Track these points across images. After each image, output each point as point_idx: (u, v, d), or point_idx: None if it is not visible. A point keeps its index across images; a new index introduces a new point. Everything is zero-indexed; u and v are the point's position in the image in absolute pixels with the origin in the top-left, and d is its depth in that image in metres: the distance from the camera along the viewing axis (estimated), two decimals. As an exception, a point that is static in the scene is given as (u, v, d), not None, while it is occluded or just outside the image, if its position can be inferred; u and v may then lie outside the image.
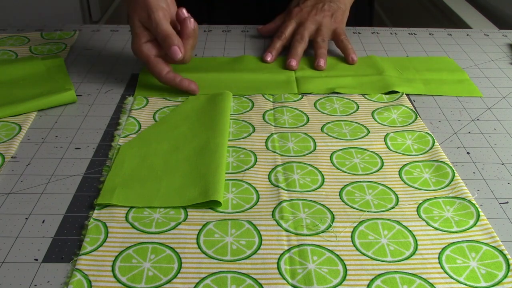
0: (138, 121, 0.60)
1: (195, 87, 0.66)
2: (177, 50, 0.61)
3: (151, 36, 0.63)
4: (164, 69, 0.64)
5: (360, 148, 0.57)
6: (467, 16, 1.12)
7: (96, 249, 0.42)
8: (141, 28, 0.63)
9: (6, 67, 0.70)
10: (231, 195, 0.49)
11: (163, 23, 0.62)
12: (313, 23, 0.79)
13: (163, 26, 0.61)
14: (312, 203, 0.48)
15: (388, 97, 0.67)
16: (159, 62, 0.64)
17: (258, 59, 0.77)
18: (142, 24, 0.63)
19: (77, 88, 0.68)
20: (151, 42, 0.64)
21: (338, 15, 0.80)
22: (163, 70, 0.64)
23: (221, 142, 0.55)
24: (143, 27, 0.63)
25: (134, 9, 0.63)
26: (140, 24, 0.63)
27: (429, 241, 0.44)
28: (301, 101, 0.66)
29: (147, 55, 0.64)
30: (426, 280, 0.40)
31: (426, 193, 0.50)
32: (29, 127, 0.59)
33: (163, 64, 0.64)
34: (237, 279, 0.40)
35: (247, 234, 0.44)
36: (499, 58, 0.80)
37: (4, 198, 0.48)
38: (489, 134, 0.60)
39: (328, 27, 0.79)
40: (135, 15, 0.62)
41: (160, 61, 0.64)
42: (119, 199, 0.47)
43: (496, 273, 0.41)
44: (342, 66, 0.75)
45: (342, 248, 0.43)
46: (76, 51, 0.79)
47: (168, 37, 0.61)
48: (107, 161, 0.54)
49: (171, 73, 0.65)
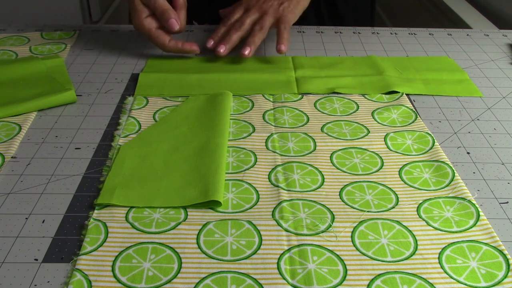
0: (138, 121, 0.60)
1: (196, 47, 0.74)
2: (175, 23, 0.70)
3: (150, 11, 0.72)
4: (166, 38, 0.73)
5: (360, 148, 0.57)
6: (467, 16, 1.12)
7: (96, 249, 0.42)
8: (141, 5, 0.72)
9: (6, 67, 0.70)
10: (231, 195, 0.49)
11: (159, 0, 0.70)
12: (258, 11, 0.77)
13: (160, 1, 0.71)
14: (312, 203, 0.48)
15: (388, 97, 0.67)
16: (161, 34, 0.72)
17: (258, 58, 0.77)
18: (141, 1, 0.71)
19: (77, 88, 0.68)
20: (150, 16, 0.72)
21: (289, 4, 0.78)
22: (166, 39, 0.72)
23: (221, 142, 0.55)
24: (142, 4, 0.72)
25: None
26: (140, 1, 0.71)
27: (429, 241, 0.44)
28: (301, 101, 0.66)
29: (148, 29, 0.72)
30: (426, 280, 0.40)
31: (426, 193, 0.50)
32: (29, 127, 0.59)
33: (164, 35, 0.72)
34: (237, 279, 0.40)
35: (247, 234, 0.44)
36: (499, 58, 0.80)
37: (4, 198, 0.48)
38: (489, 134, 0.60)
39: (272, 15, 0.76)
40: None
41: (161, 33, 0.72)
42: (119, 199, 0.47)
43: (496, 273, 0.41)
44: (342, 66, 0.75)
45: (342, 248, 0.43)
46: (76, 51, 0.79)
47: (166, 11, 0.70)
48: (107, 161, 0.54)
49: (172, 41, 0.73)
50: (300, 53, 0.80)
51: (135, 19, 0.72)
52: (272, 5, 0.77)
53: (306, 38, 0.86)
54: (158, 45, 0.73)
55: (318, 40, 0.85)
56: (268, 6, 0.77)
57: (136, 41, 0.82)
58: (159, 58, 0.77)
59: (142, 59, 0.77)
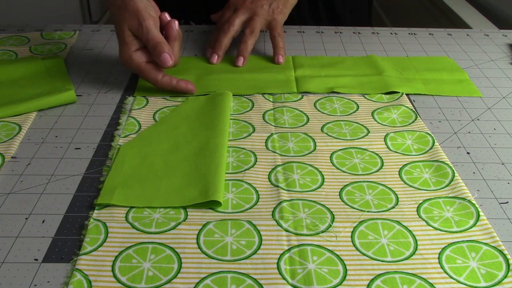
0: (138, 121, 0.60)
1: (192, 87, 0.66)
2: (168, 57, 0.62)
3: (140, 44, 0.64)
4: (159, 74, 0.65)
5: (360, 148, 0.57)
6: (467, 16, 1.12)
7: (96, 249, 0.42)
8: (131, 36, 0.63)
9: (6, 67, 0.70)
10: (231, 195, 0.49)
11: (154, 31, 0.62)
12: (247, 11, 0.76)
13: (154, 34, 0.62)
14: (312, 203, 0.48)
15: (388, 97, 0.67)
16: (152, 68, 0.64)
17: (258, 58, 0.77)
18: (132, 33, 0.63)
19: (77, 88, 0.68)
20: (139, 50, 0.64)
21: (278, 5, 0.77)
22: (158, 75, 0.65)
23: (221, 142, 0.55)
24: (132, 35, 0.63)
25: (124, 17, 0.63)
26: (130, 32, 0.63)
27: (429, 241, 0.44)
28: (301, 101, 0.66)
29: (138, 63, 0.64)
30: (426, 280, 0.40)
31: (426, 193, 0.50)
32: (29, 127, 0.59)
33: (156, 70, 0.65)
34: (237, 279, 0.40)
35: (247, 234, 0.44)
36: (499, 58, 0.80)
37: (4, 198, 0.48)
38: (489, 134, 0.60)
39: (263, 17, 0.76)
40: (125, 23, 0.63)
41: (153, 67, 0.65)
42: (119, 199, 0.47)
43: (496, 273, 0.41)
44: (342, 66, 0.75)
45: (342, 248, 0.43)
46: (76, 51, 0.79)
47: (159, 44, 0.62)
48: (107, 161, 0.54)
49: (166, 76, 0.65)
50: (300, 53, 0.80)
51: (123, 53, 0.64)
52: (261, 5, 0.77)
53: (306, 38, 0.86)
54: (150, 81, 0.65)
55: (318, 40, 0.85)
56: (257, 6, 0.77)
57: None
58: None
59: (142, 59, 0.77)
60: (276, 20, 0.77)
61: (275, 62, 0.75)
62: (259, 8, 0.77)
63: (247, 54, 0.75)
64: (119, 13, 0.64)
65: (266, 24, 0.77)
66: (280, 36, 0.76)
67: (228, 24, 0.76)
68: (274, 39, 0.76)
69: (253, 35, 0.75)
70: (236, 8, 0.78)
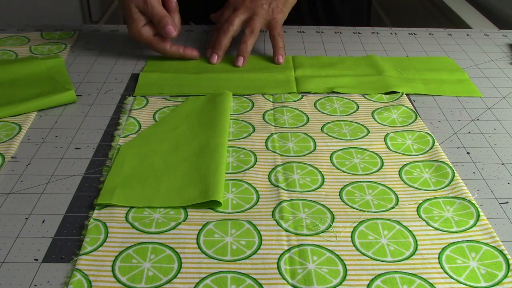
0: (138, 121, 0.60)
1: (197, 53, 0.75)
2: (172, 29, 0.70)
3: (146, 19, 0.72)
4: (167, 44, 0.73)
5: (360, 148, 0.57)
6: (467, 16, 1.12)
7: (96, 249, 0.42)
8: (138, 13, 0.71)
9: (6, 67, 0.70)
10: (231, 195, 0.49)
11: (157, 7, 0.71)
12: (246, 10, 0.77)
13: (158, 9, 0.70)
14: (312, 203, 0.48)
15: (388, 97, 0.67)
16: (160, 40, 0.73)
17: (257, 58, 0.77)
18: (138, 10, 0.71)
19: (77, 88, 0.68)
20: (146, 25, 0.72)
21: (277, 4, 0.78)
22: (167, 45, 0.73)
23: (221, 142, 0.55)
24: (139, 12, 0.71)
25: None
26: (136, 9, 0.70)
27: (429, 241, 0.44)
28: (301, 101, 0.66)
29: (147, 37, 0.72)
30: (426, 280, 0.40)
31: (426, 193, 0.50)
32: (29, 127, 0.59)
33: (164, 41, 0.73)
34: (237, 279, 0.40)
35: (247, 234, 0.44)
36: (499, 58, 0.80)
37: (4, 198, 0.48)
38: (489, 134, 0.60)
39: (262, 17, 0.76)
40: (131, 1, 0.70)
41: (161, 39, 0.73)
42: (119, 199, 0.47)
43: (496, 273, 0.41)
44: (342, 66, 0.75)
45: (342, 248, 0.43)
46: (76, 51, 0.79)
47: (163, 18, 0.70)
48: (107, 161, 0.54)
49: (173, 46, 0.74)
50: (300, 53, 0.80)
51: (132, 28, 0.72)
52: (261, 5, 0.77)
53: (306, 38, 0.86)
54: (160, 51, 0.74)
55: (318, 40, 0.85)
56: (257, 6, 0.77)
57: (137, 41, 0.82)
58: (159, 58, 0.77)
59: (142, 59, 0.77)
60: (276, 20, 0.77)
61: (275, 62, 0.75)
62: (259, 7, 0.77)
63: (247, 54, 0.75)
64: None
65: (266, 24, 0.77)
66: (280, 36, 0.76)
67: (228, 24, 0.76)
68: (274, 39, 0.76)
69: (253, 35, 0.75)
70: (235, 8, 0.78)
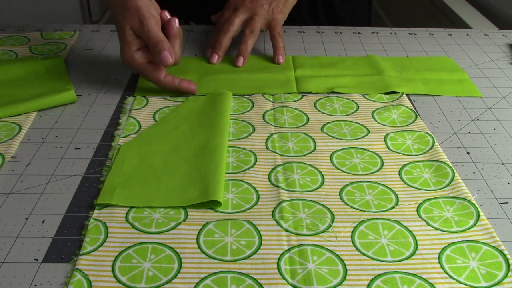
0: (138, 121, 0.60)
1: (194, 87, 0.66)
2: (168, 55, 0.61)
3: (141, 44, 0.64)
4: (161, 73, 0.64)
5: (360, 148, 0.57)
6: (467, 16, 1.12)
7: (96, 249, 0.42)
8: (132, 36, 0.63)
9: (6, 67, 0.70)
10: (231, 195, 0.49)
11: (155, 30, 0.62)
12: (246, 10, 0.76)
13: (155, 32, 0.62)
14: (312, 203, 0.48)
15: (388, 97, 0.67)
16: (154, 68, 0.64)
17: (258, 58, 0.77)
18: (133, 32, 0.63)
19: (77, 88, 0.68)
20: (141, 50, 0.64)
21: (278, 5, 0.77)
22: (161, 74, 0.64)
23: (221, 142, 0.55)
24: (134, 35, 0.63)
25: (125, 17, 0.62)
26: (131, 32, 0.63)
27: (429, 241, 0.44)
28: (301, 101, 0.66)
29: (140, 63, 0.64)
30: (426, 280, 0.40)
31: (426, 193, 0.50)
32: (29, 127, 0.59)
33: (158, 69, 0.64)
34: (237, 279, 0.40)
35: (247, 234, 0.44)
36: (499, 58, 0.80)
37: (4, 198, 0.48)
38: (489, 134, 0.60)
39: (263, 17, 0.76)
40: (126, 23, 0.62)
41: (155, 67, 0.64)
42: (119, 199, 0.47)
43: (496, 273, 0.41)
44: (342, 66, 0.75)
45: (342, 248, 0.43)
46: (76, 51, 0.79)
47: (160, 42, 0.61)
48: (107, 161, 0.54)
49: (168, 76, 0.65)
50: (300, 53, 0.80)
51: (124, 52, 0.63)
52: (261, 5, 0.77)
53: (306, 38, 0.86)
54: (153, 81, 0.65)
55: (318, 40, 0.85)
56: (257, 6, 0.77)
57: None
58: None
59: (142, 59, 0.77)
60: (276, 20, 0.77)
61: (275, 62, 0.75)
62: (259, 7, 0.77)
63: (247, 54, 0.75)
64: (120, 12, 0.63)
65: (266, 24, 0.77)
66: (280, 36, 0.76)
67: (228, 24, 0.76)
68: (274, 39, 0.76)
69: (253, 35, 0.75)
70: (235, 8, 0.78)
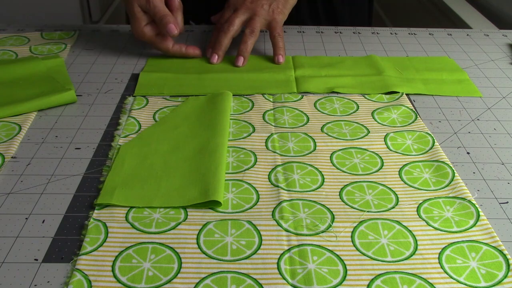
0: (138, 121, 0.60)
1: (199, 52, 0.76)
2: (173, 27, 0.70)
3: (149, 18, 0.73)
4: (170, 43, 0.74)
5: (360, 148, 0.57)
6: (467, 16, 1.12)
7: (96, 249, 0.42)
8: (141, 12, 0.72)
9: (6, 67, 0.70)
10: (231, 195, 0.49)
11: (159, 5, 0.71)
12: (247, 10, 0.77)
13: (160, 7, 0.71)
14: (312, 203, 0.48)
15: (388, 97, 0.67)
16: (163, 39, 0.74)
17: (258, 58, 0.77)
18: (141, 9, 0.71)
19: (77, 88, 0.68)
20: (149, 24, 0.73)
21: (278, 5, 0.78)
22: (169, 44, 0.74)
23: (221, 142, 0.55)
24: (142, 11, 0.72)
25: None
26: (139, 8, 0.71)
27: (429, 241, 0.44)
28: (301, 101, 0.66)
29: (150, 36, 0.73)
30: (426, 280, 0.40)
31: (426, 193, 0.50)
32: (29, 127, 0.59)
33: (167, 40, 0.74)
34: (237, 279, 0.40)
35: (247, 234, 0.44)
36: (499, 58, 0.80)
37: (4, 198, 0.48)
38: (489, 134, 0.60)
39: (263, 17, 0.77)
40: (135, 1, 0.71)
41: (163, 38, 0.74)
42: (119, 199, 0.47)
43: (496, 273, 0.41)
44: (342, 66, 0.75)
45: (342, 248, 0.43)
46: (76, 51, 0.79)
47: (165, 16, 0.71)
48: (107, 161, 0.54)
49: (176, 45, 0.75)
50: (300, 53, 0.80)
51: (135, 27, 0.73)
52: (261, 5, 0.77)
53: (306, 38, 0.86)
54: (163, 50, 0.75)
55: (318, 40, 0.85)
56: (257, 6, 0.77)
57: (136, 41, 0.82)
58: (159, 58, 0.77)
59: (142, 59, 0.77)
60: (276, 20, 0.77)
61: (275, 62, 0.75)
62: (259, 8, 0.77)
63: (247, 54, 0.75)
64: None
65: (266, 24, 0.77)
66: (280, 36, 0.76)
67: (228, 24, 0.76)
68: (274, 39, 0.76)
69: (253, 35, 0.75)
70: (236, 8, 0.78)
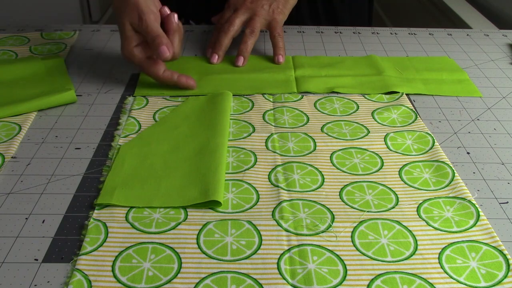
0: (138, 121, 0.60)
1: (193, 82, 0.67)
2: (165, 50, 0.62)
3: (141, 39, 0.65)
4: (160, 68, 0.65)
5: (360, 148, 0.57)
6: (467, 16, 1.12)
7: (96, 249, 0.42)
8: (132, 31, 0.64)
9: (6, 67, 0.70)
10: (231, 195, 0.49)
11: (153, 25, 0.63)
12: (247, 10, 0.77)
13: (153, 27, 0.63)
14: (312, 203, 0.48)
15: (388, 97, 0.67)
16: (154, 63, 0.65)
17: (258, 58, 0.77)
18: (132, 27, 0.64)
19: (77, 88, 0.68)
20: (140, 45, 0.65)
21: (278, 5, 0.78)
22: (160, 69, 0.65)
23: (221, 142, 0.55)
24: (133, 30, 0.64)
25: (125, 12, 0.63)
26: (130, 27, 0.64)
27: (429, 241, 0.44)
28: (301, 101, 0.66)
29: (139, 58, 0.65)
30: (426, 280, 0.40)
31: (426, 193, 0.50)
32: (29, 127, 0.59)
33: (158, 64, 0.65)
34: (237, 279, 0.40)
35: (247, 234, 0.44)
36: (499, 58, 0.80)
37: (4, 198, 0.48)
38: (489, 134, 0.60)
39: (263, 17, 0.77)
40: (126, 18, 0.63)
41: (154, 62, 0.65)
42: (119, 199, 0.47)
43: (496, 273, 0.41)
44: (342, 66, 0.75)
45: (342, 248, 0.43)
46: (76, 51, 0.79)
47: (158, 37, 0.62)
48: (107, 161, 0.54)
49: (167, 71, 0.66)
50: (300, 53, 0.80)
51: (124, 47, 0.64)
52: (261, 5, 0.77)
53: (306, 38, 0.86)
54: (152, 75, 0.66)
55: (318, 40, 0.85)
56: (257, 6, 0.77)
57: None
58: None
59: (142, 59, 0.77)
60: (276, 20, 0.77)
61: (275, 62, 0.75)
62: (259, 8, 0.77)
63: (247, 54, 0.75)
64: (120, 8, 0.64)
65: (266, 24, 0.77)
66: (280, 36, 0.76)
67: (228, 24, 0.76)
68: (274, 39, 0.76)
69: (253, 35, 0.75)
70: (236, 8, 0.78)
